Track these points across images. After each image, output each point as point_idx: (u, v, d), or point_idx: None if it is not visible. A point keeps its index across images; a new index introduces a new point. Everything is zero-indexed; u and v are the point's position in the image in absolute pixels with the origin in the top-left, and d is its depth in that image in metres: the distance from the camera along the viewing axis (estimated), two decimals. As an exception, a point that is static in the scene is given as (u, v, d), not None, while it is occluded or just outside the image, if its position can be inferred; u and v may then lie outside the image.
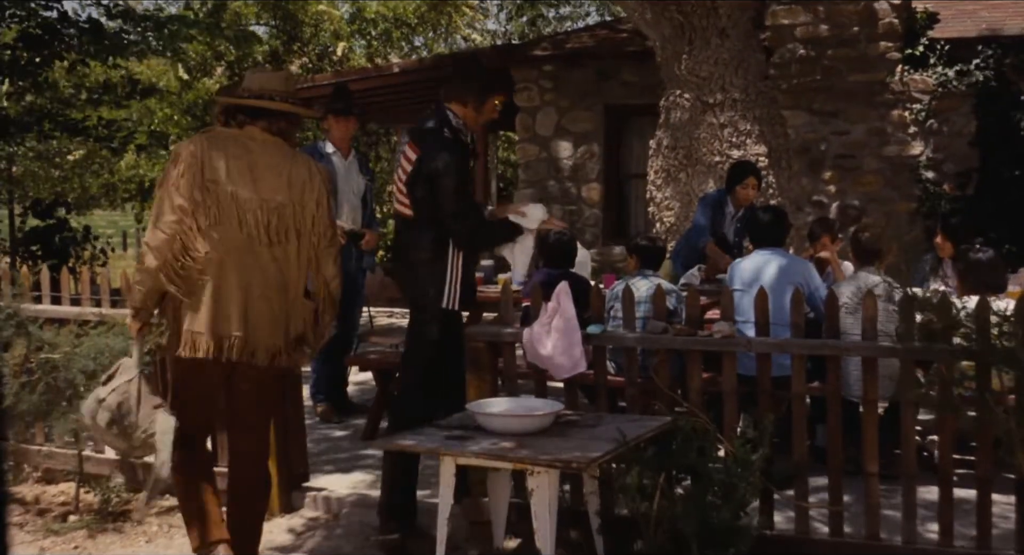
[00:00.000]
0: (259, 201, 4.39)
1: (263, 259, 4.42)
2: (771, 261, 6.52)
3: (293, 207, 4.47)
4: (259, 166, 4.42)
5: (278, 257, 4.45)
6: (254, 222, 4.39)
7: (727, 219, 8.11)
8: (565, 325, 5.02)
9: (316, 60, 18.26)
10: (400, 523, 5.17)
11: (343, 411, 7.95)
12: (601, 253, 13.33)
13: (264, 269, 4.43)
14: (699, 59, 9.23)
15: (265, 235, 4.41)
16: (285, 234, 4.46)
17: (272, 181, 4.44)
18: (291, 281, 4.51)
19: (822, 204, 12.02)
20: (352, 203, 7.83)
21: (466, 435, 4.54)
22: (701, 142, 9.24)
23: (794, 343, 4.81)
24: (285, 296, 4.49)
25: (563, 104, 13.75)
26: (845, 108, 11.95)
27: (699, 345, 4.93)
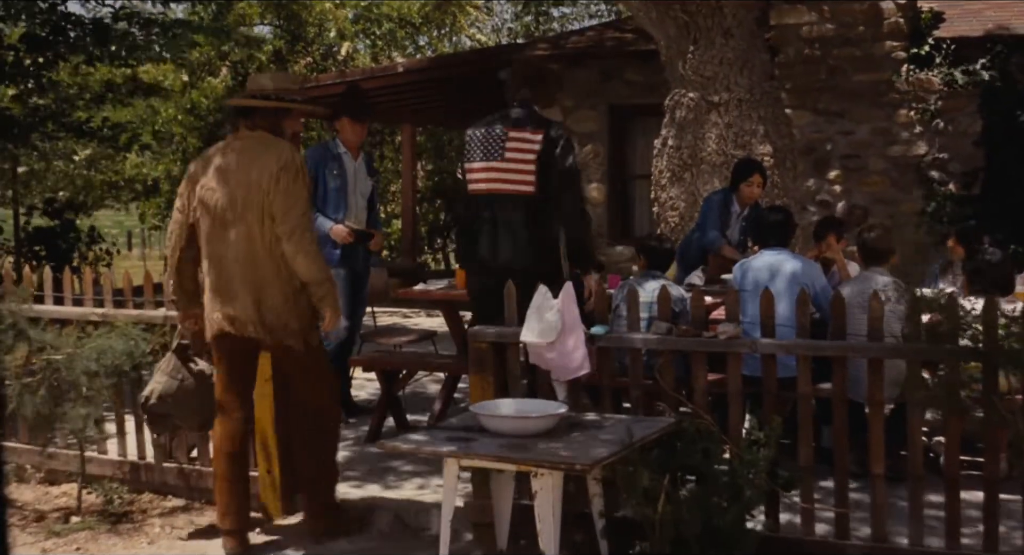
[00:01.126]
0: (225, 189, 5.02)
1: (231, 240, 5.05)
2: (778, 262, 6.49)
3: (249, 188, 4.98)
4: (235, 159, 5.06)
5: (240, 237, 5.02)
6: (220, 210, 5.03)
7: (732, 218, 8.06)
8: (569, 326, 5.00)
9: (320, 60, 18.23)
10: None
11: (347, 412, 7.92)
12: (605, 253, 13.26)
13: (234, 249, 5.05)
14: (704, 59, 9.19)
15: (226, 217, 5.03)
16: (243, 217, 5.01)
17: (241, 170, 5.02)
18: (259, 259, 5.04)
19: (827, 204, 11.99)
20: (359, 204, 7.81)
21: (470, 436, 4.52)
22: (706, 142, 9.20)
23: (799, 344, 4.77)
24: (252, 273, 5.05)
25: (567, 104, 13.68)
26: (850, 108, 11.90)
27: (704, 346, 4.90)
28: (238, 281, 5.09)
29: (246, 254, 5.05)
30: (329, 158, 7.68)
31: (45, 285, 6.52)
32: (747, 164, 8.12)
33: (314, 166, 7.55)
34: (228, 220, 5.05)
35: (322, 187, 7.58)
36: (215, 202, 5.07)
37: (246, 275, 5.07)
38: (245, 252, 5.05)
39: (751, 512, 4.51)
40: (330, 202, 7.59)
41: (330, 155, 7.69)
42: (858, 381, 5.29)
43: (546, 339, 4.95)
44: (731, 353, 4.86)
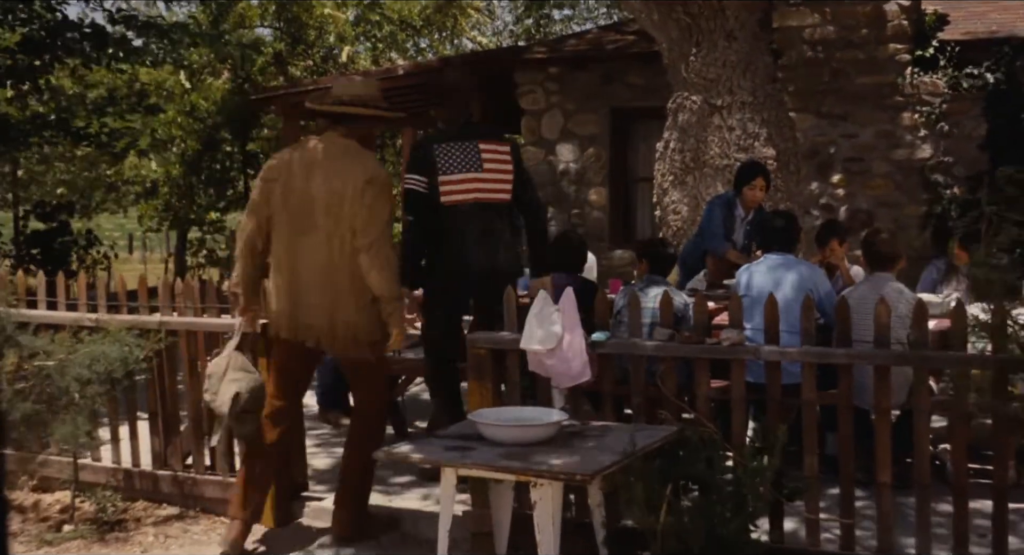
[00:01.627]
0: (307, 193, 5.00)
1: (307, 246, 5.02)
2: (783, 267, 6.40)
3: (332, 197, 4.98)
4: (320, 164, 5.05)
5: (320, 245, 5.01)
6: (300, 214, 5.01)
7: (737, 222, 7.97)
8: (570, 332, 4.91)
9: (320, 62, 18.14)
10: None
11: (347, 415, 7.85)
12: (607, 257, 13.17)
13: (311, 256, 5.04)
14: (706, 61, 9.11)
15: (306, 222, 5.01)
16: (324, 224, 5.00)
17: (325, 176, 5.00)
18: (337, 269, 5.03)
19: (830, 208, 11.89)
20: None
21: (468, 445, 4.43)
22: (709, 145, 9.12)
23: (804, 351, 4.67)
24: (329, 282, 5.04)
25: (569, 107, 13.61)
26: (854, 111, 11.77)
27: (707, 353, 4.81)
28: (314, 289, 5.09)
29: (324, 263, 5.05)
30: None
31: (38, 290, 6.42)
32: (750, 167, 8.03)
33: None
34: (307, 226, 5.05)
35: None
36: (295, 205, 5.06)
37: (323, 284, 5.07)
38: (323, 260, 5.05)
39: (755, 522, 4.41)
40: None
41: None
42: (863, 388, 5.20)
43: (546, 346, 4.86)
44: (735, 360, 4.77)
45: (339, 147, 5.13)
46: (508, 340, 5.06)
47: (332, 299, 5.08)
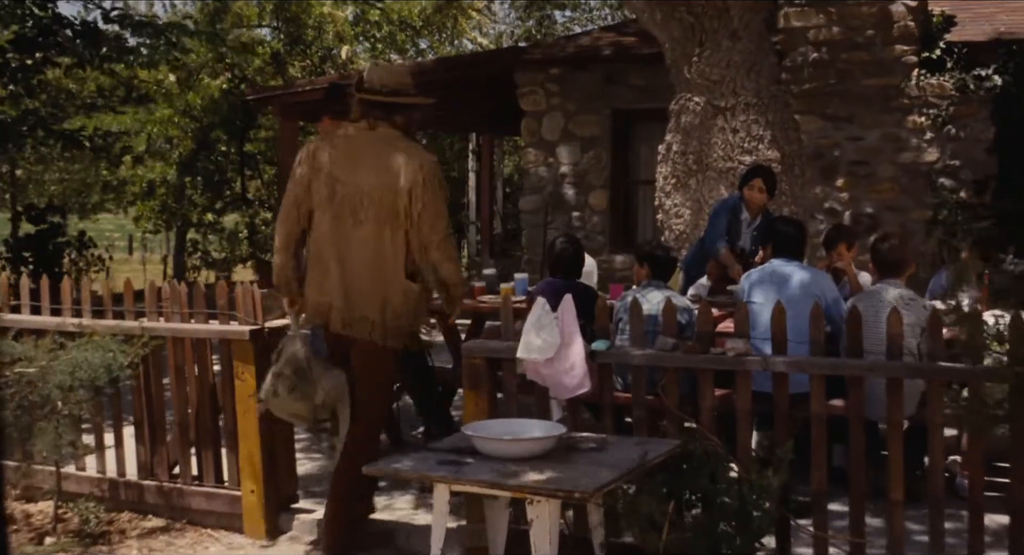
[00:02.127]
0: (356, 185, 4.88)
1: (356, 238, 4.90)
2: (787, 272, 6.22)
3: (384, 191, 4.86)
4: (369, 155, 4.91)
5: (369, 237, 4.89)
6: (348, 206, 4.88)
7: (743, 226, 7.80)
8: (568, 342, 4.72)
9: (319, 63, 17.96)
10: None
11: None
12: (607, 261, 13.00)
13: (358, 247, 4.91)
14: (710, 62, 8.92)
15: (354, 214, 4.88)
16: (375, 216, 4.88)
17: (374, 169, 4.89)
18: (387, 260, 4.92)
19: (835, 212, 11.73)
20: None
21: (461, 460, 4.24)
22: (712, 147, 8.93)
23: (813, 362, 4.49)
24: (380, 274, 4.93)
25: (569, 108, 13.47)
26: (859, 113, 11.62)
27: (711, 363, 4.62)
28: (366, 281, 4.96)
29: (374, 256, 4.94)
30: None
31: (21, 293, 6.23)
32: (750, 169, 7.88)
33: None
34: (356, 218, 4.93)
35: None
36: (342, 196, 4.93)
37: (374, 277, 4.96)
38: (373, 253, 4.94)
39: (761, 540, 4.23)
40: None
41: None
42: (873, 399, 5.01)
43: (544, 356, 4.68)
44: (741, 371, 4.58)
45: (385, 137, 4.97)
46: (504, 349, 4.87)
47: (384, 291, 4.96)
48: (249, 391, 5.49)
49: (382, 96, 4.94)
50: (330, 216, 4.97)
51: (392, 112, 4.97)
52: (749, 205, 7.73)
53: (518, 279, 7.58)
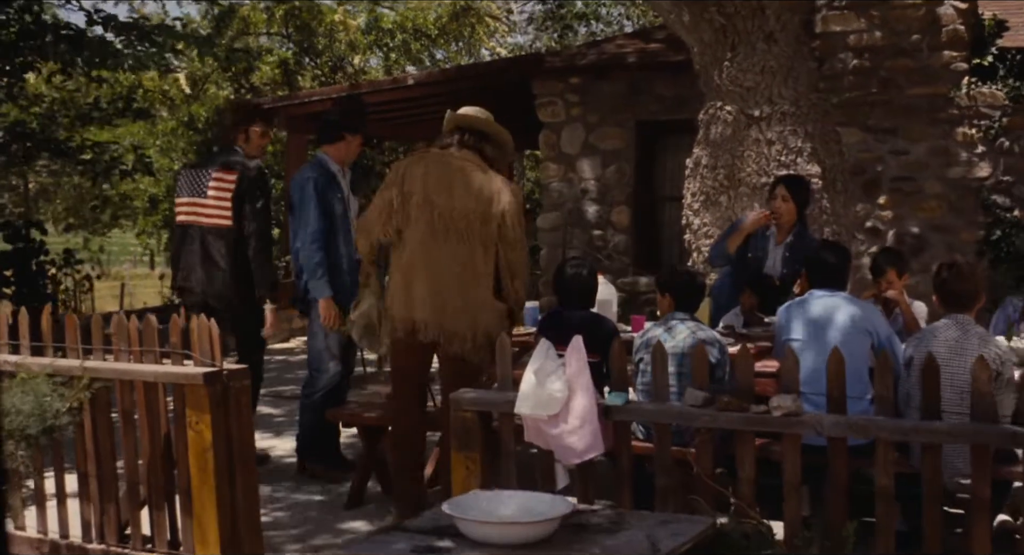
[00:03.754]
0: (448, 207, 5.22)
1: (449, 256, 5.24)
2: (831, 306, 5.38)
3: (477, 214, 5.21)
4: (457, 178, 5.26)
5: (463, 256, 5.24)
6: (443, 225, 5.22)
7: (769, 243, 7.01)
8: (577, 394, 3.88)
9: (329, 72, 17.22)
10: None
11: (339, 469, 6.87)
12: (630, 284, 12.19)
13: (450, 264, 5.24)
14: (743, 67, 8.15)
15: (446, 235, 5.23)
16: (469, 236, 5.23)
17: (465, 191, 5.23)
18: (479, 279, 5.27)
19: (877, 231, 10.91)
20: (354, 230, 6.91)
21: (441, 546, 3.39)
22: (745, 161, 8.14)
23: (881, 425, 3.62)
24: (471, 291, 5.27)
25: (591, 120, 12.66)
26: (904, 125, 10.79)
27: (753, 424, 3.76)
28: (457, 299, 5.29)
29: (467, 274, 5.28)
30: (330, 178, 6.70)
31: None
32: (777, 178, 7.27)
33: (323, 189, 6.64)
34: (449, 237, 5.25)
35: (330, 215, 6.65)
36: (437, 215, 5.25)
37: (466, 295, 5.29)
38: (465, 271, 5.28)
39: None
40: (339, 232, 6.67)
41: (327, 174, 6.72)
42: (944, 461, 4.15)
43: (548, 412, 3.84)
44: (789, 435, 3.72)
45: (477, 164, 5.34)
46: (500, 402, 4.03)
47: (476, 309, 5.29)
48: (205, 444, 4.67)
49: (481, 124, 5.42)
50: (422, 233, 5.28)
51: (483, 140, 5.42)
52: (776, 219, 6.94)
53: (527, 308, 6.76)
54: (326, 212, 6.57)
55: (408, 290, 5.34)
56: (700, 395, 3.84)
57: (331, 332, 6.65)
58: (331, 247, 6.59)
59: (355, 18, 17.40)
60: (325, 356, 6.74)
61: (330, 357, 6.73)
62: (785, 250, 7.00)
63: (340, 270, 6.61)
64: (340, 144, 6.78)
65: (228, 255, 6.70)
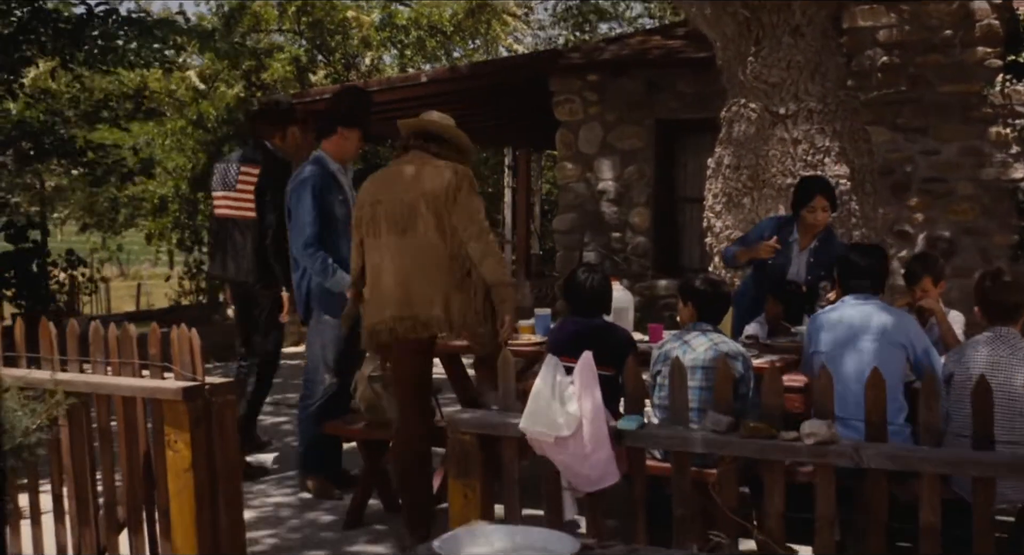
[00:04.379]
0: (393, 201, 5.21)
1: (404, 247, 5.17)
2: (864, 315, 4.98)
3: (420, 199, 5.13)
4: (400, 174, 5.28)
5: (416, 243, 5.14)
6: (391, 219, 5.20)
7: (793, 250, 6.58)
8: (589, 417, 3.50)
9: (343, 70, 16.84)
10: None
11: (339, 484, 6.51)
12: (649, 287, 11.81)
13: (407, 255, 5.17)
14: (768, 62, 7.78)
15: (397, 227, 5.18)
16: (419, 223, 5.14)
17: (407, 183, 5.21)
18: (439, 261, 5.14)
19: (906, 235, 10.52)
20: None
21: (432, 590, 3.02)
22: (769, 161, 7.76)
23: (928, 457, 3.22)
24: (434, 276, 5.13)
25: (609, 118, 12.29)
26: (935, 124, 10.43)
27: (782, 454, 3.37)
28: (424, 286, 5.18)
29: (425, 260, 5.18)
30: (330, 179, 6.34)
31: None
32: (808, 184, 6.63)
33: (321, 191, 6.28)
34: (400, 229, 5.20)
35: (330, 218, 6.29)
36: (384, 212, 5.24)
37: (430, 279, 5.17)
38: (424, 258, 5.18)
39: None
40: (340, 236, 6.29)
41: (327, 173, 6.36)
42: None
43: (555, 433, 3.46)
44: (822, 465, 3.33)
45: (421, 158, 5.28)
46: (503, 424, 3.65)
47: (442, 291, 5.15)
48: (184, 465, 4.31)
49: (428, 126, 5.32)
50: (376, 235, 5.26)
51: (428, 140, 5.31)
52: (805, 227, 6.53)
53: (538, 316, 6.38)
54: (325, 215, 6.22)
55: (376, 291, 5.31)
56: (724, 420, 3.45)
57: (330, 343, 6.32)
58: (331, 253, 6.24)
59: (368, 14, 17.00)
60: (320, 367, 6.40)
61: (325, 369, 6.38)
62: (810, 256, 6.58)
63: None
64: (334, 138, 6.42)
65: (252, 246, 6.74)
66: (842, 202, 7.72)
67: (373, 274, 5.33)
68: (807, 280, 6.56)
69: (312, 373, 6.47)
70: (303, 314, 6.49)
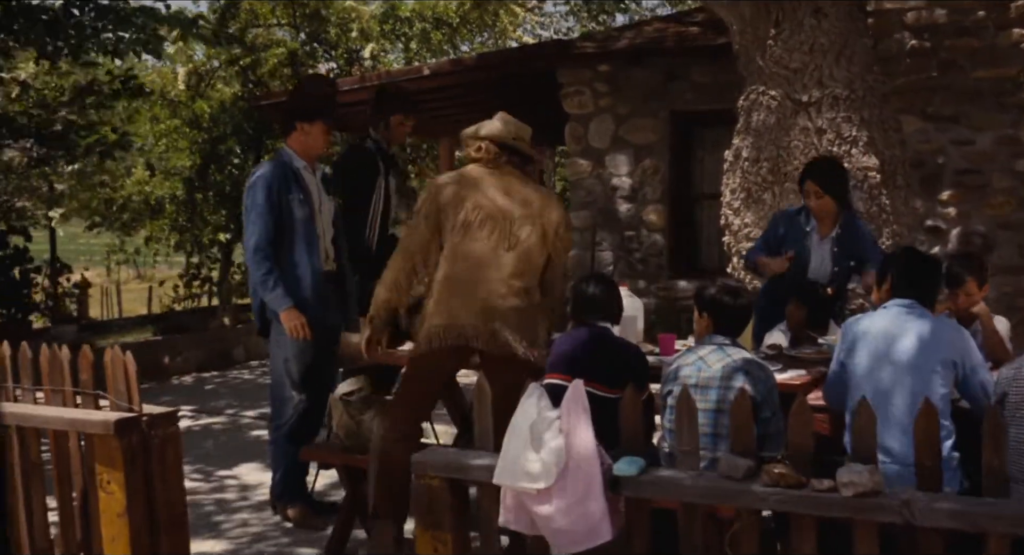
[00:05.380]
0: (498, 211, 4.90)
1: (503, 260, 4.86)
2: (909, 324, 4.34)
3: (529, 219, 4.91)
4: (501, 188, 4.95)
5: (516, 259, 4.87)
6: (490, 229, 4.89)
7: (812, 238, 6.13)
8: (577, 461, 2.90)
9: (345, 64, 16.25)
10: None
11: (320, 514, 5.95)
12: (666, 288, 11.20)
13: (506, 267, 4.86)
14: (789, 45, 7.25)
15: (498, 239, 4.89)
16: (521, 239, 4.89)
17: (513, 198, 4.94)
18: (529, 280, 4.92)
19: (938, 231, 9.89)
20: (327, 235, 6.08)
21: None
22: (791, 152, 7.22)
23: (997, 512, 2.59)
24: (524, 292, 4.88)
25: (621, 111, 11.62)
26: (968, 112, 9.79)
27: (813, 507, 2.75)
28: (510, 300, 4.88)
29: (517, 275, 4.92)
30: (290, 177, 5.78)
31: None
32: (804, 169, 6.29)
33: (278, 191, 5.72)
34: (500, 241, 4.90)
35: (287, 218, 5.74)
36: (483, 218, 4.92)
37: (518, 295, 4.90)
38: (518, 273, 4.92)
39: None
40: (300, 239, 5.79)
41: (290, 171, 5.80)
42: None
43: (536, 485, 2.86)
44: (863, 521, 2.71)
45: (518, 177, 5.06)
46: (476, 467, 3.05)
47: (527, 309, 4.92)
48: (118, 508, 3.74)
49: (511, 141, 5.03)
50: (470, 240, 4.87)
51: (518, 156, 5.05)
52: (815, 214, 6.12)
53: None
54: (282, 217, 5.67)
55: (452, 296, 4.90)
56: (741, 464, 2.84)
57: (293, 357, 5.75)
58: (286, 257, 5.69)
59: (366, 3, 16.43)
60: (286, 383, 5.83)
61: (291, 385, 5.82)
62: (833, 244, 6.10)
63: (300, 283, 5.71)
64: (295, 135, 5.87)
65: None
66: (871, 196, 7.17)
67: (454, 279, 4.91)
68: (834, 271, 6.08)
69: (278, 390, 5.91)
70: (260, 326, 5.93)
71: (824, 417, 4.73)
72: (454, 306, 4.81)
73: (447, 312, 4.81)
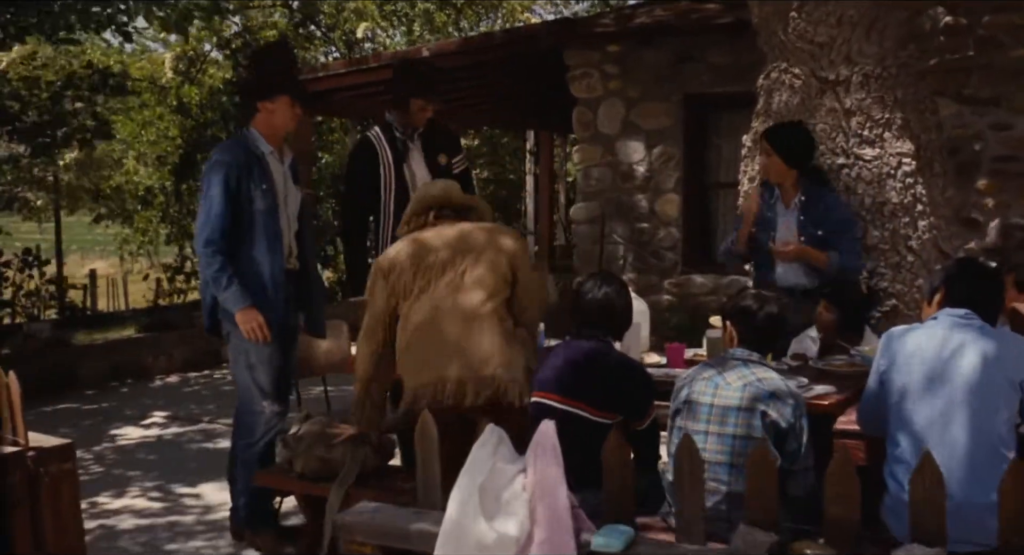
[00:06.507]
0: (449, 258, 4.61)
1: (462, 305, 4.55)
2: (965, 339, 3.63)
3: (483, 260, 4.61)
4: (451, 236, 4.65)
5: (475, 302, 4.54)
6: (445, 276, 4.59)
7: (777, 207, 5.86)
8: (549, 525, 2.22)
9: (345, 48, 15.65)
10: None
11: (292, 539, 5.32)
12: (679, 284, 10.57)
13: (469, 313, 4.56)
14: (814, 18, 6.56)
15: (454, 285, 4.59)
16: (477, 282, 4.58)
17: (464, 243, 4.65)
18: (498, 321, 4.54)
19: (975, 223, 9.27)
20: (291, 229, 5.44)
21: None
22: (817, 136, 6.61)
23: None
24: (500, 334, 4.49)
25: (632, 94, 11.02)
26: (1008, 94, 9.16)
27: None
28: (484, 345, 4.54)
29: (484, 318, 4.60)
30: (252, 163, 5.13)
31: None
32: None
33: (237, 177, 5.11)
34: (456, 286, 4.59)
35: (246, 209, 5.13)
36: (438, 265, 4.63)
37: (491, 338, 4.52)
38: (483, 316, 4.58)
39: None
40: (259, 232, 5.18)
41: (253, 158, 5.16)
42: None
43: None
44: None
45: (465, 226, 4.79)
46: (414, 533, 2.36)
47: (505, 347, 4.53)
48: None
49: (444, 199, 4.77)
50: (430, 293, 4.55)
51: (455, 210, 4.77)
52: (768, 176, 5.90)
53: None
54: (239, 207, 5.03)
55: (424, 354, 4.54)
56: (761, 540, 2.13)
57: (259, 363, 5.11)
58: (245, 252, 5.06)
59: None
60: (255, 395, 5.18)
61: (261, 394, 5.17)
62: (799, 212, 5.75)
63: (260, 281, 5.07)
64: (259, 116, 5.24)
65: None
66: (906, 186, 6.52)
67: (418, 336, 4.54)
68: (800, 241, 5.63)
69: (247, 404, 5.24)
70: (209, 327, 5.28)
71: (858, 444, 4.06)
72: (430, 357, 4.45)
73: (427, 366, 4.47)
